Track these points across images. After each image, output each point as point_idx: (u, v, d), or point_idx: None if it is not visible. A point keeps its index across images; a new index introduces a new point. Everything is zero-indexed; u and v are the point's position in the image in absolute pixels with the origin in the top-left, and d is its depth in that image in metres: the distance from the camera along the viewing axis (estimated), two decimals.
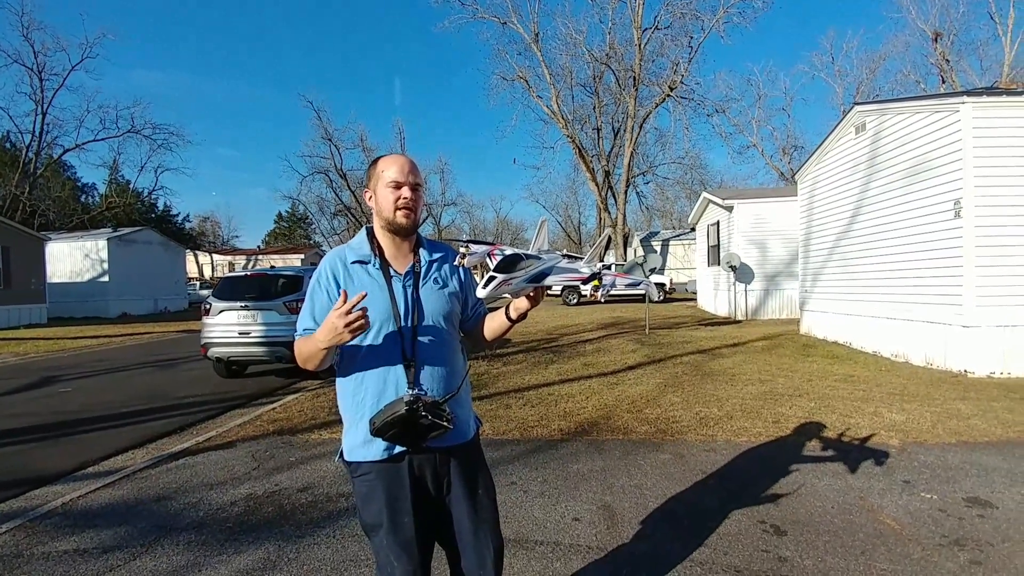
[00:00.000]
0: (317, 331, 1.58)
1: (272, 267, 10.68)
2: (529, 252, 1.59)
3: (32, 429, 5.91)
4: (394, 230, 1.74)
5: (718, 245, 17.58)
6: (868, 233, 9.46)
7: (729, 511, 3.37)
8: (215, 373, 8.70)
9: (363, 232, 1.81)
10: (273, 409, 6.43)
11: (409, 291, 1.73)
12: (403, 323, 1.69)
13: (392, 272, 1.73)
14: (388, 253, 1.76)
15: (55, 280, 22.74)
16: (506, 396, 6.61)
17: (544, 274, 1.54)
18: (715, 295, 18.16)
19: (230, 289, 8.60)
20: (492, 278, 1.49)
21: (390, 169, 1.71)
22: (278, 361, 8.27)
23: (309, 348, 1.63)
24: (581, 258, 1.66)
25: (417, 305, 1.72)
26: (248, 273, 9.49)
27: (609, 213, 33.12)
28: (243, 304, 8.19)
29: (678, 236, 37.43)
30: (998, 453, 4.34)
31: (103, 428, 5.89)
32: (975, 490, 3.64)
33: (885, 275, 9.00)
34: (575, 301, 24.68)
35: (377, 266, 1.73)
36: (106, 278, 23.48)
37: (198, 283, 37.03)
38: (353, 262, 1.74)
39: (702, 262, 20.39)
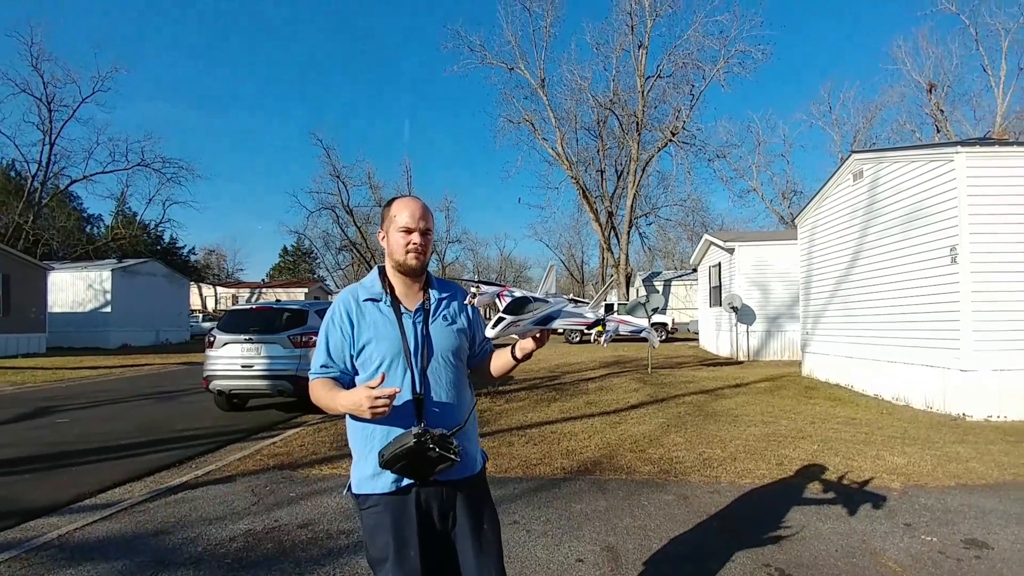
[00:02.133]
0: (340, 395, 1.66)
1: (277, 300, 10.75)
2: (537, 295, 1.65)
3: (28, 460, 5.87)
4: (404, 271, 1.81)
5: (720, 286, 17.68)
6: (867, 277, 9.55)
7: (733, 553, 3.34)
8: (216, 406, 8.67)
9: (375, 271, 1.88)
10: (274, 443, 6.40)
11: (419, 327, 1.78)
12: (413, 358, 1.74)
13: (403, 309, 1.79)
14: (399, 291, 1.83)
15: (56, 309, 22.82)
16: (508, 433, 6.57)
17: (551, 317, 1.61)
18: (717, 335, 18.15)
19: (235, 322, 8.65)
20: (501, 319, 1.55)
21: (402, 214, 1.78)
22: (280, 394, 8.27)
23: (326, 402, 1.72)
24: (586, 302, 1.72)
25: (427, 341, 1.77)
26: (253, 306, 9.56)
27: (612, 253, 33.35)
28: (247, 337, 8.22)
29: (680, 276, 37.61)
30: (994, 495, 4.36)
31: (100, 460, 5.85)
32: (972, 532, 3.64)
33: (885, 319, 9.05)
34: (577, 340, 24.64)
35: (388, 303, 1.79)
36: (108, 308, 23.55)
37: (201, 315, 37.12)
38: (365, 300, 1.80)
39: (704, 303, 20.46)
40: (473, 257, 63.29)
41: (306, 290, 45.69)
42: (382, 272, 1.86)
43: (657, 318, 20.11)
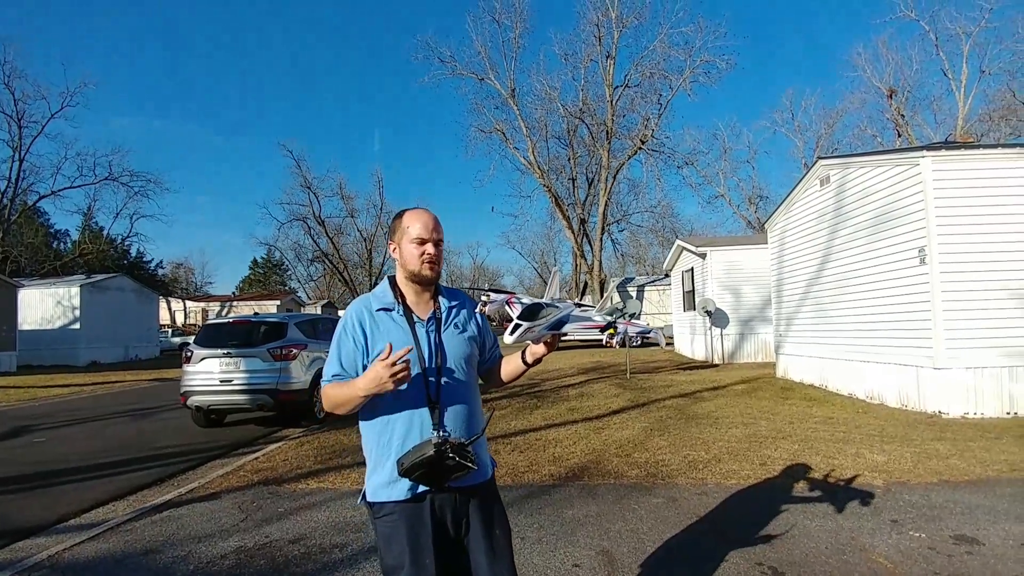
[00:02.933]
0: (358, 380, 1.66)
1: (256, 313, 10.59)
2: (547, 301, 1.70)
3: (8, 480, 5.71)
4: (418, 281, 1.84)
5: (693, 291, 17.97)
6: (838, 279, 9.83)
7: (726, 553, 3.42)
8: (193, 422, 8.49)
9: (385, 282, 1.90)
10: (256, 459, 6.30)
11: (432, 336, 1.81)
12: (428, 366, 1.77)
13: (415, 318, 1.82)
14: (410, 300, 1.85)
15: (25, 327, 22.10)
16: (494, 442, 6.59)
17: (563, 322, 1.68)
18: (692, 339, 18.43)
19: (212, 336, 8.50)
20: (518, 326, 1.61)
21: (415, 226, 1.82)
22: (259, 409, 8.14)
23: (345, 395, 1.70)
24: (592, 307, 1.80)
25: (440, 349, 1.80)
26: (231, 320, 9.40)
27: (585, 259, 33.67)
28: (226, 351, 8.09)
29: (653, 282, 38.02)
30: (979, 491, 4.48)
31: (81, 479, 5.70)
32: (961, 528, 3.75)
33: (857, 319, 9.32)
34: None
35: (401, 313, 1.82)
36: (77, 325, 22.88)
37: (170, 330, 36.20)
38: (378, 309, 1.83)
39: (678, 307, 20.76)
40: (447, 266, 63.15)
41: (278, 302, 44.89)
42: (392, 282, 1.89)
43: (634, 323, 20.33)
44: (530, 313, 1.62)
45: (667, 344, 19.67)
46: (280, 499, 4.81)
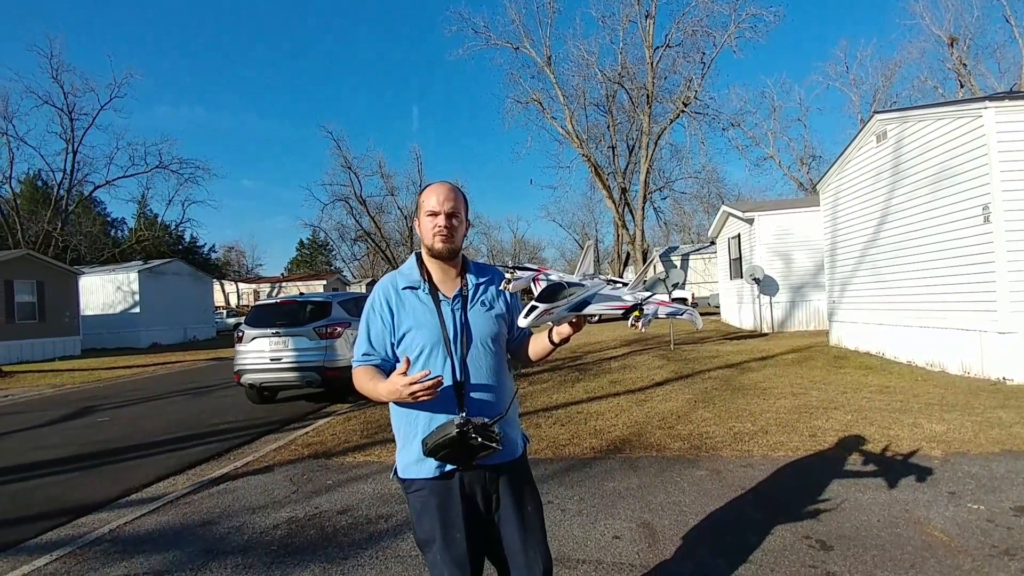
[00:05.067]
0: (380, 385, 1.69)
1: (301, 293, 10.86)
2: (572, 280, 1.60)
3: (74, 458, 6.06)
4: (435, 255, 1.81)
5: (740, 258, 17.46)
6: (896, 241, 9.35)
7: (772, 527, 3.34)
8: (247, 399, 8.84)
9: (412, 258, 1.88)
10: (306, 433, 6.52)
11: (458, 314, 1.78)
12: (453, 346, 1.75)
13: (441, 296, 1.80)
14: (436, 278, 1.83)
15: (88, 312, 23.37)
16: (535, 415, 6.61)
17: (586, 302, 1.55)
18: (739, 308, 17.98)
19: (261, 316, 8.78)
20: (534, 307, 1.50)
21: (429, 199, 1.79)
22: (308, 385, 8.39)
23: (369, 390, 1.75)
24: (625, 283, 1.66)
25: (466, 328, 1.77)
26: (278, 300, 9.68)
27: (627, 229, 33.06)
28: (274, 331, 8.35)
29: (698, 250, 37.20)
30: None
31: (143, 456, 6.02)
32: (1022, 499, 3.56)
33: (916, 283, 8.86)
34: (596, 319, 24.57)
35: (427, 291, 1.80)
36: (137, 309, 24.05)
37: (225, 311, 37.71)
38: (404, 288, 1.81)
39: (724, 275, 20.24)
40: (487, 241, 63.31)
41: (324, 282, 46.13)
42: (419, 259, 1.86)
43: (678, 293, 19.95)
44: (550, 294, 1.52)
45: (708, 312, 19.11)
46: (329, 472, 4.97)
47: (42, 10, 57.54)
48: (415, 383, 1.54)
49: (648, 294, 1.59)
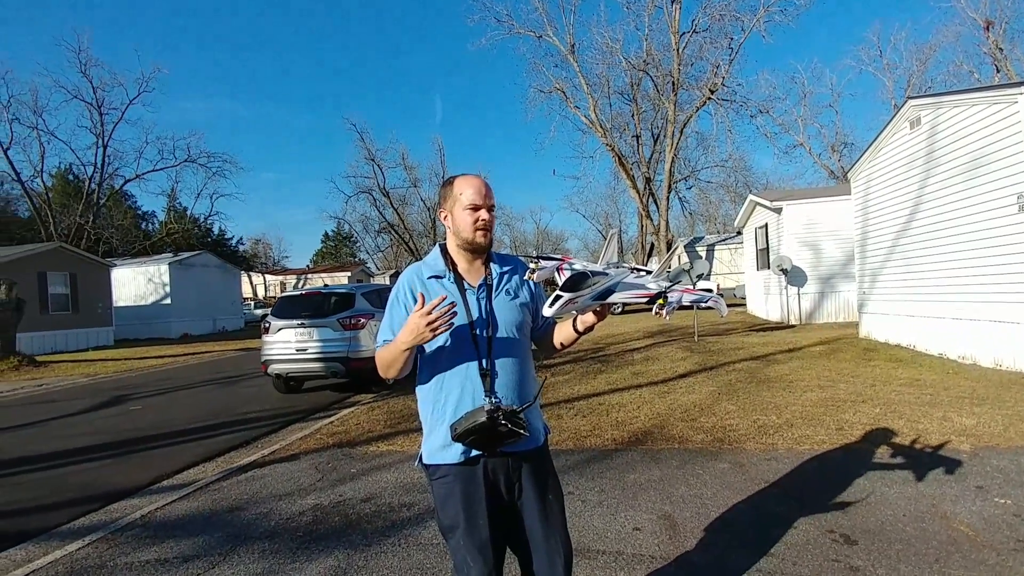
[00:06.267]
0: (399, 336, 1.68)
1: (325, 285, 11.01)
2: (596, 268, 1.61)
3: (107, 446, 6.27)
4: (472, 248, 1.82)
5: (767, 248, 17.16)
6: (929, 231, 9.09)
7: (795, 520, 3.30)
8: (274, 389, 9.02)
9: (436, 249, 1.90)
10: (331, 422, 6.63)
11: (483, 303, 1.81)
12: (479, 334, 1.77)
13: (466, 285, 1.82)
14: (461, 267, 1.85)
15: (121, 304, 24.00)
16: (556, 407, 6.62)
17: (610, 291, 1.57)
18: (766, 299, 17.70)
19: (287, 308, 8.94)
20: (558, 297, 1.52)
21: (467, 192, 1.79)
22: (333, 376, 8.53)
23: (391, 353, 1.73)
24: (649, 271, 1.67)
25: (491, 316, 1.80)
26: (303, 292, 9.83)
27: (651, 219, 32.75)
28: (300, 322, 8.49)
29: (723, 240, 36.62)
30: None
31: (173, 443, 6.19)
32: None
33: (948, 274, 8.62)
34: (619, 310, 24.44)
35: (452, 280, 1.82)
36: (168, 300, 24.64)
37: (252, 303, 38.42)
38: (429, 277, 1.84)
39: (751, 266, 19.93)
40: (510, 232, 63.23)
41: (349, 274, 46.62)
42: (443, 249, 1.88)
43: (703, 284, 19.72)
44: (574, 283, 1.53)
45: (734, 304, 18.86)
46: (353, 460, 5.05)
47: (66, 2, 58.79)
48: (431, 312, 1.56)
49: (671, 283, 1.59)
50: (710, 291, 1.72)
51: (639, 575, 2.82)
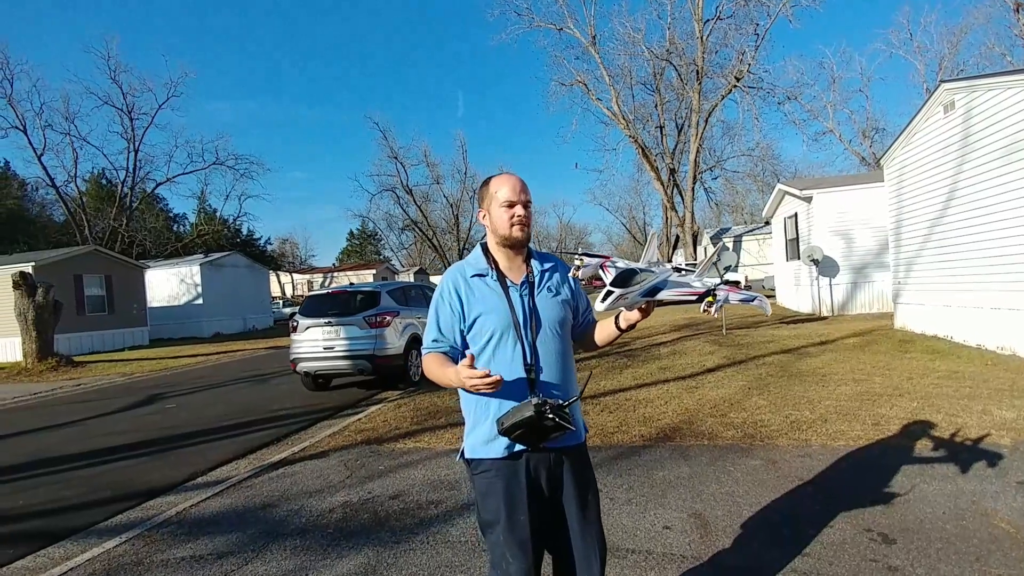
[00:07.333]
0: (449, 371, 1.73)
1: (351, 284, 11.15)
2: (639, 267, 1.64)
3: (143, 444, 6.43)
4: (510, 244, 1.84)
5: (797, 238, 16.80)
6: (965, 218, 8.78)
7: (831, 519, 3.22)
8: (303, 387, 9.16)
9: (478, 248, 1.93)
10: (359, 420, 6.70)
11: (526, 300, 1.82)
12: (523, 330, 1.78)
13: (509, 282, 1.83)
14: (503, 265, 1.87)
15: (155, 304, 24.63)
16: (582, 402, 6.56)
17: (657, 288, 1.61)
18: (796, 291, 17.34)
19: (314, 306, 9.05)
20: (610, 292, 1.57)
21: (503, 189, 1.83)
22: (360, 373, 8.62)
23: (438, 377, 1.79)
24: (692, 271, 1.70)
25: (534, 313, 1.81)
26: (330, 291, 9.95)
27: (676, 211, 32.29)
28: (327, 320, 8.59)
29: (751, 231, 36.07)
30: None
31: (207, 441, 6.33)
32: None
33: (986, 262, 8.32)
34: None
35: (495, 278, 1.84)
36: (200, 300, 25.21)
37: (281, 302, 39.07)
38: (473, 275, 1.85)
39: (780, 257, 19.55)
40: (533, 226, 63.08)
41: (374, 271, 47.11)
42: (485, 248, 1.91)
43: (730, 276, 19.44)
44: (623, 279, 1.58)
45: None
46: (381, 457, 5.10)
47: (93, 7, 60.13)
48: (476, 378, 1.58)
49: (718, 280, 1.64)
50: (737, 284, 1.76)
51: (671, 575, 2.79)
